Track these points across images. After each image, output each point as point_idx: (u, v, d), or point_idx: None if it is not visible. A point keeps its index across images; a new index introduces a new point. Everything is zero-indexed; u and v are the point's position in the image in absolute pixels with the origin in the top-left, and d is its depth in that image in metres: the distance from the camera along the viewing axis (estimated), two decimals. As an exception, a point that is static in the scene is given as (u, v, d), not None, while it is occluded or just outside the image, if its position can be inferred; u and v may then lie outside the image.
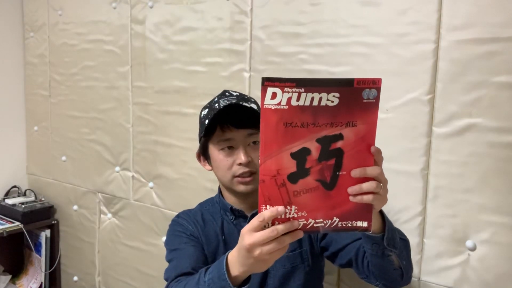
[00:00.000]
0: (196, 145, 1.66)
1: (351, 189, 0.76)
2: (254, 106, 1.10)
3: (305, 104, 0.72)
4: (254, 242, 0.75)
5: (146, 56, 1.79)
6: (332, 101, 0.72)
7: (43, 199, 2.24)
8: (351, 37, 1.28)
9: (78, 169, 2.12)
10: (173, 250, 1.15)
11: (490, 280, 1.13)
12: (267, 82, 0.71)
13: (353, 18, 1.28)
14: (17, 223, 2.09)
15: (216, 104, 1.11)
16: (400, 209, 1.24)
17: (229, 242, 1.14)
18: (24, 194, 2.33)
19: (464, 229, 1.15)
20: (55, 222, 2.21)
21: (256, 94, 1.49)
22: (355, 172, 0.76)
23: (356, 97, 0.73)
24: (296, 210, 0.77)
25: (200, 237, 1.16)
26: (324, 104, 0.72)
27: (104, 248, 2.05)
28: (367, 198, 0.76)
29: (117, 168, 1.94)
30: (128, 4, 1.82)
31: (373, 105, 0.75)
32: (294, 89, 0.71)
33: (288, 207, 0.76)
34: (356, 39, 1.27)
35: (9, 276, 2.25)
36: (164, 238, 1.78)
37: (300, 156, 0.75)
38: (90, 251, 2.11)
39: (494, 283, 1.12)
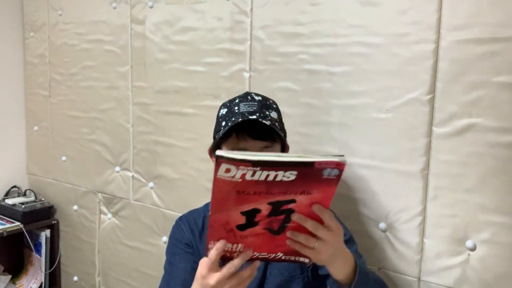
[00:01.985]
0: (196, 145, 1.67)
1: (289, 233, 0.79)
2: (274, 114, 1.08)
3: (260, 179, 0.69)
4: (219, 280, 0.79)
5: (146, 56, 1.79)
6: (289, 177, 0.69)
7: (43, 199, 2.24)
8: (351, 37, 1.28)
9: (78, 169, 2.12)
10: (168, 261, 1.20)
11: (490, 280, 1.13)
12: (221, 159, 0.66)
13: (353, 18, 1.28)
14: (17, 223, 2.09)
15: (236, 108, 1.08)
16: (400, 209, 1.24)
17: None
18: (24, 194, 2.33)
19: (464, 229, 1.15)
20: (55, 222, 2.21)
21: (256, 94, 1.49)
22: (295, 217, 0.77)
23: (316, 174, 0.70)
24: (242, 247, 0.80)
25: (196, 245, 1.17)
26: (279, 180, 0.69)
27: (104, 248, 2.05)
28: (298, 247, 0.80)
29: (117, 168, 1.94)
30: (128, 4, 1.82)
31: (333, 181, 0.71)
32: (250, 168, 0.67)
33: (235, 245, 0.79)
34: (356, 39, 1.27)
35: (9, 276, 2.25)
36: (164, 238, 1.79)
37: (251, 213, 0.75)
38: (90, 251, 2.11)
39: (494, 283, 1.12)
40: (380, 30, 1.23)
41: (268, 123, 1.03)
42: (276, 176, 0.69)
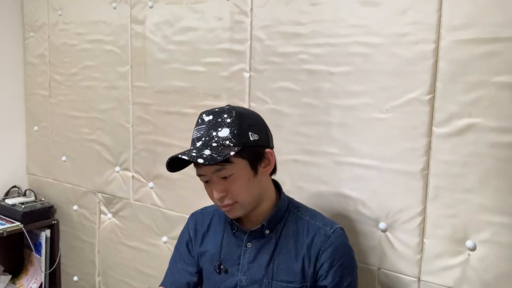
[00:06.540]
0: (196, 145, 1.67)
1: None
2: (224, 132, 1.02)
3: None
4: None
5: (146, 56, 1.79)
6: None
7: (43, 199, 2.24)
8: (351, 37, 1.28)
9: (78, 169, 2.12)
10: (173, 253, 1.24)
11: (490, 280, 1.13)
12: None
13: (353, 18, 1.28)
14: (17, 223, 2.09)
15: (193, 133, 1.08)
16: (400, 209, 1.24)
17: (225, 253, 1.15)
18: (24, 194, 2.33)
19: (464, 229, 1.15)
20: (55, 222, 2.21)
21: (256, 94, 1.49)
22: None
23: None
24: None
25: (195, 246, 1.20)
26: None
27: (104, 248, 2.05)
28: None
29: (117, 168, 1.94)
30: (128, 4, 1.82)
31: None
32: None
33: None
34: (356, 39, 1.27)
35: (9, 276, 2.25)
36: (164, 238, 1.79)
37: None
38: (90, 251, 2.11)
39: (494, 283, 1.12)
40: (380, 30, 1.23)
41: (207, 152, 1.00)
42: None
